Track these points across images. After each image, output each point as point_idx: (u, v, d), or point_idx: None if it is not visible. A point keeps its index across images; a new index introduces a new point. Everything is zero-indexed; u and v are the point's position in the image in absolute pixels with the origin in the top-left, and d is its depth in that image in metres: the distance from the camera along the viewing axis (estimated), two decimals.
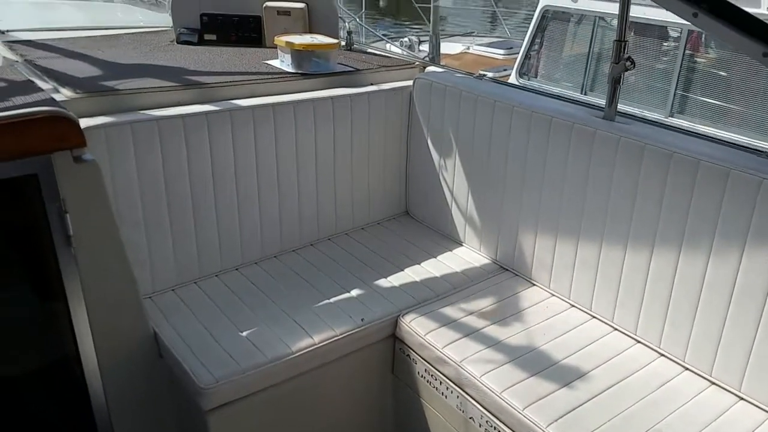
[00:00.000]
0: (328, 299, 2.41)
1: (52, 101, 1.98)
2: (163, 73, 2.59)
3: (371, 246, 2.79)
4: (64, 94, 2.23)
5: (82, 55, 2.83)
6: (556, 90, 6.35)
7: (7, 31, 3.22)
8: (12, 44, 2.94)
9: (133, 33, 3.40)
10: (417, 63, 3.08)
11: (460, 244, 2.84)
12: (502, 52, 8.86)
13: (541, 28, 6.69)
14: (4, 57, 2.76)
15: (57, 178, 1.80)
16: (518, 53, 7.76)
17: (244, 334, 2.20)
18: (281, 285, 2.49)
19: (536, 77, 6.77)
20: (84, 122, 2.02)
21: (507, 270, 2.64)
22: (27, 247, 1.92)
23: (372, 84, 2.86)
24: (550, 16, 6.62)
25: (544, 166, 2.40)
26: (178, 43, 3.18)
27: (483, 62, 8.57)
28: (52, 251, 1.86)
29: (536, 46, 6.75)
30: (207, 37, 3.23)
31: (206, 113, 2.37)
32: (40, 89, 2.13)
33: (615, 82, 2.21)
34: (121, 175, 2.22)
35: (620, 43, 2.17)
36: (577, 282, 2.38)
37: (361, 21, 9.73)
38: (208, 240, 2.49)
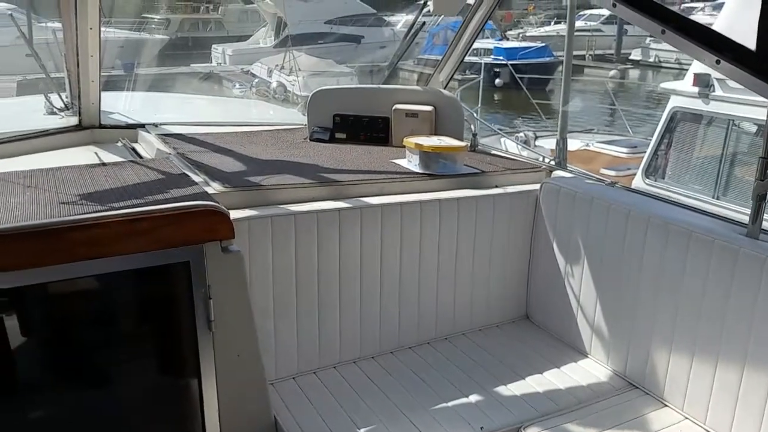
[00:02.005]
0: (445, 402, 2.36)
1: (205, 195, 2.16)
2: (299, 169, 2.76)
3: (489, 349, 2.73)
4: (214, 187, 2.42)
5: (226, 150, 3.07)
6: (684, 191, 6.11)
7: (160, 124, 3.57)
8: (164, 137, 3.25)
9: (269, 130, 3.65)
10: (543, 167, 3.09)
11: (584, 355, 2.71)
12: (625, 150, 8.68)
13: (669, 129, 6.52)
14: (158, 149, 3.04)
15: (206, 266, 1.94)
16: (641, 151, 7.55)
17: (362, 431, 2.19)
18: (398, 382, 2.48)
19: (663, 178, 6.55)
20: (231, 214, 2.18)
21: (636, 387, 2.48)
22: (171, 328, 2.06)
23: (497, 186, 2.89)
24: (679, 117, 6.46)
25: (681, 281, 2.29)
26: (311, 140, 3.39)
27: (604, 160, 8.43)
28: (193, 333, 1.98)
29: (663, 147, 6.56)
30: (338, 135, 3.43)
31: (338, 210, 2.48)
32: (193, 182, 2.33)
33: (760, 199, 2.12)
34: (258, 264, 2.35)
35: (766, 160, 2.09)
36: (715, 406, 2.20)
37: (477, 115, 9.92)
38: (329, 331, 2.55)
